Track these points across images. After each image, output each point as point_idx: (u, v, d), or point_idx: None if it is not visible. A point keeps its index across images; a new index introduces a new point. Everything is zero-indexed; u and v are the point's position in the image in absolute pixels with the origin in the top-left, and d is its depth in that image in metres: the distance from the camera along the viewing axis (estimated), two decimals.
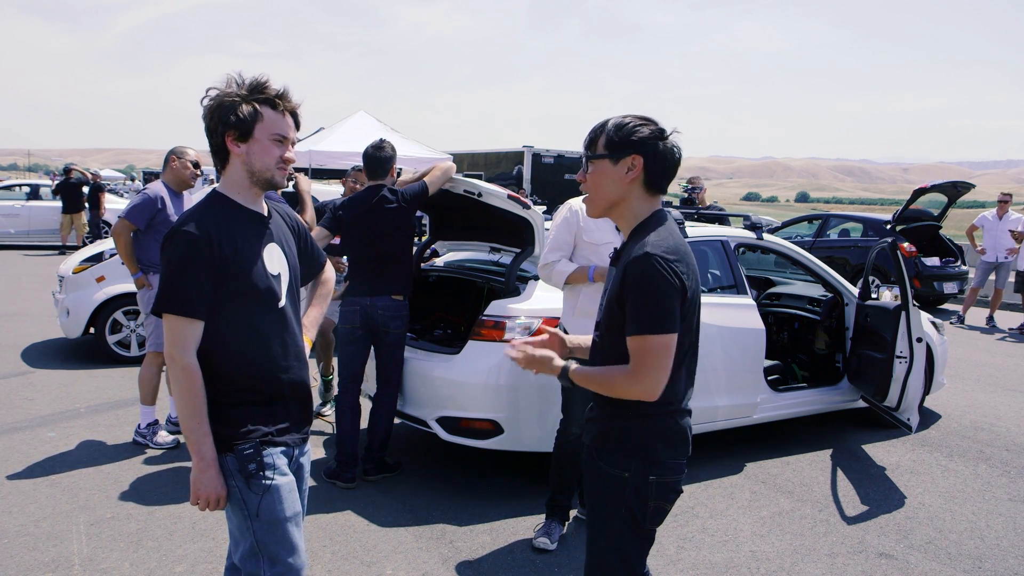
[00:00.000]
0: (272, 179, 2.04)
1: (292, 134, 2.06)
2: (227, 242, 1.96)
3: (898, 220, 11.61)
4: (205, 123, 2.02)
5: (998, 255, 10.60)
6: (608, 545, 2.07)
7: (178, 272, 1.92)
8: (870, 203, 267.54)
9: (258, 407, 2.02)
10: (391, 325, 4.19)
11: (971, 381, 7.25)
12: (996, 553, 3.76)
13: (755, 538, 3.81)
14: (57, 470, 4.29)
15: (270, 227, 2.11)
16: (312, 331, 2.35)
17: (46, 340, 7.44)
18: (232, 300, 1.97)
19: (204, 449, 1.93)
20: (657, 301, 1.88)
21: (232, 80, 2.00)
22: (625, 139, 1.99)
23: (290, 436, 2.08)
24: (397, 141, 14.14)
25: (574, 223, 3.60)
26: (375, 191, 4.23)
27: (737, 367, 4.68)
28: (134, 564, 3.29)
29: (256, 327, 2.01)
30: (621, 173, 2.01)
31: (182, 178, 4.68)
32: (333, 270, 2.53)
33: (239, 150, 2.00)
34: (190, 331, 1.92)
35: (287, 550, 2.02)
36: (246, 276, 1.98)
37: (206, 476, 1.93)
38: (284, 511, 2.01)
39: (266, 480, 1.98)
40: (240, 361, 1.99)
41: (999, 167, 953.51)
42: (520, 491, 4.24)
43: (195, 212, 2.00)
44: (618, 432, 2.03)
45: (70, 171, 16.08)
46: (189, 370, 1.92)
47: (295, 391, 2.10)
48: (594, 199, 2.09)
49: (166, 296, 1.93)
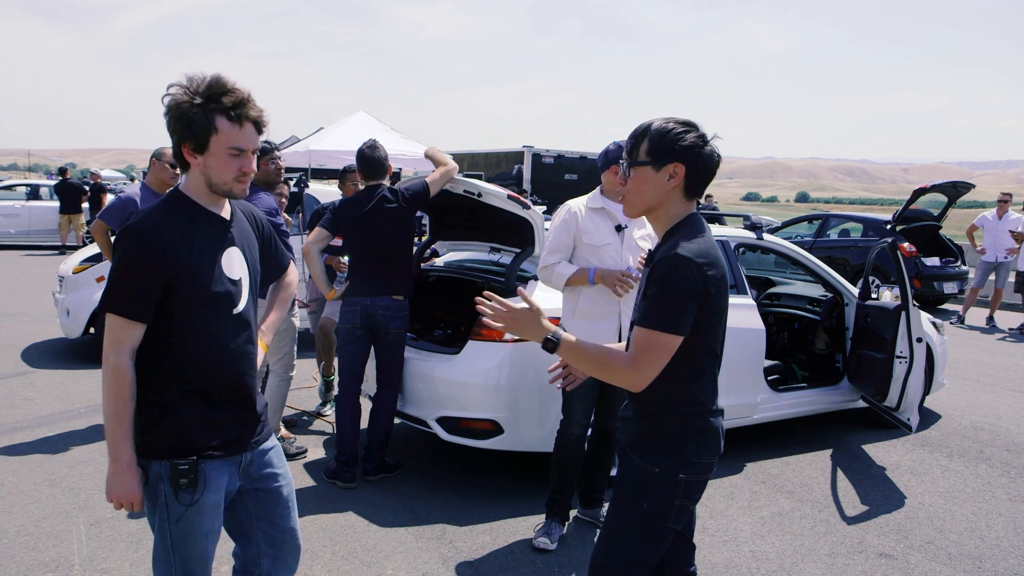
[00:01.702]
0: (230, 191, 1.98)
1: (252, 144, 1.97)
2: (181, 245, 1.91)
3: (898, 220, 11.61)
4: (165, 124, 1.94)
5: (998, 255, 10.60)
6: (620, 536, 2.08)
7: (125, 272, 1.88)
8: (870, 203, 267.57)
9: (201, 414, 1.97)
10: (392, 325, 4.19)
11: (971, 381, 7.25)
12: (996, 553, 3.76)
13: (755, 538, 3.81)
14: (57, 470, 4.29)
15: (231, 230, 2.05)
16: (268, 336, 2.30)
17: (46, 340, 7.44)
18: (185, 304, 1.92)
19: (120, 452, 1.89)
20: (674, 300, 1.90)
21: (190, 80, 1.90)
22: (669, 147, 1.98)
23: (233, 446, 2.04)
24: (397, 141, 14.14)
25: (573, 225, 3.59)
26: (374, 191, 4.23)
27: (737, 367, 4.67)
28: (134, 564, 3.29)
29: (209, 331, 1.96)
30: (663, 180, 2.00)
31: (162, 179, 4.82)
32: (296, 274, 2.47)
33: (196, 161, 1.94)
34: (129, 333, 1.89)
35: (196, 562, 2.02)
36: (200, 281, 1.93)
37: (120, 480, 1.90)
38: (202, 526, 2.00)
39: (196, 495, 1.96)
40: (189, 365, 1.95)
41: (999, 167, 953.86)
42: (520, 491, 4.24)
43: (153, 211, 1.95)
44: (653, 430, 2.05)
45: (66, 172, 16.09)
46: (120, 371, 1.88)
47: (242, 398, 2.06)
48: (633, 202, 2.08)
49: (110, 295, 1.89)
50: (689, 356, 1.99)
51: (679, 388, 2.02)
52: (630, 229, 3.60)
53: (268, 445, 2.17)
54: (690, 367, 2.00)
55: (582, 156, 17.34)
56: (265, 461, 2.16)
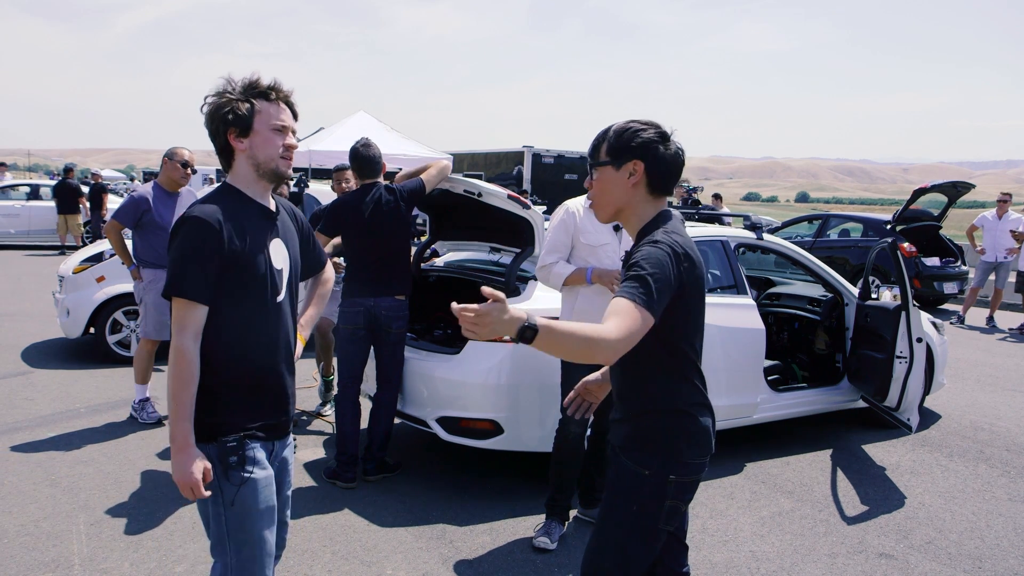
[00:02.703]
0: (277, 169, 2.09)
1: (291, 123, 2.11)
2: (236, 232, 2.00)
3: (898, 220, 11.62)
4: (208, 128, 2.07)
5: (998, 255, 10.60)
6: (610, 537, 2.09)
7: (187, 257, 1.96)
8: (870, 203, 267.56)
9: (243, 398, 2.05)
10: (393, 325, 4.19)
11: (971, 381, 7.25)
12: (996, 553, 3.76)
13: (755, 538, 3.81)
14: (57, 470, 4.29)
15: (277, 222, 2.15)
16: (307, 330, 2.39)
17: (46, 340, 7.44)
18: (233, 290, 2.00)
19: (176, 433, 1.95)
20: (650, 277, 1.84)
21: (225, 83, 2.06)
22: (625, 145, 2.01)
23: (271, 431, 2.12)
24: (397, 141, 14.15)
25: (571, 224, 3.60)
26: (370, 189, 4.21)
27: (737, 367, 4.68)
28: (134, 564, 3.30)
29: (251, 319, 2.05)
30: (623, 178, 2.03)
31: (173, 178, 4.94)
32: (333, 271, 2.55)
33: (242, 145, 2.06)
34: (192, 315, 1.96)
35: (255, 541, 2.05)
36: (251, 267, 2.02)
37: (176, 460, 1.95)
38: (258, 503, 2.05)
39: (246, 473, 2.02)
40: (231, 351, 2.03)
41: (999, 167, 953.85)
42: (520, 491, 4.24)
43: (208, 200, 2.04)
44: (644, 431, 2.05)
45: (70, 171, 16.09)
46: (181, 352, 1.94)
47: (279, 385, 2.14)
48: (600, 205, 2.10)
49: (174, 278, 1.97)
50: (673, 354, 1.98)
51: (665, 387, 2.01)
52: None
53: (288, 440, 2.27)
54: (674, 365, 2.00)
55: (582, 156, 17.34)
56: (285, 456, 2.24)
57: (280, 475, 2.22)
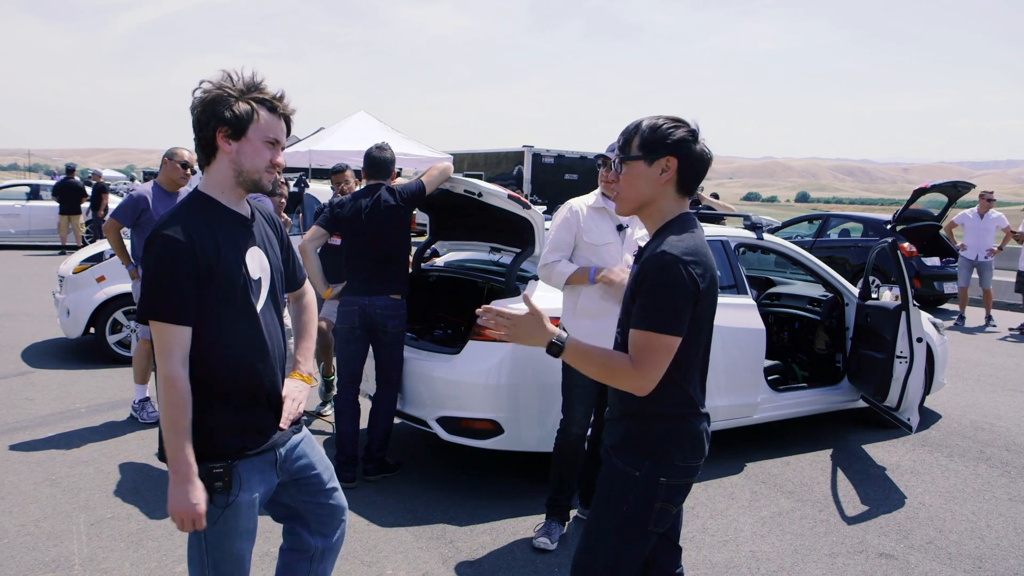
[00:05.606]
0: (259, 181, 1.99)
1: (284, 139, 2.03)
2: (209, 246, 1.90)
3: (898, 220, 11.61)
4: (194, 115, 1.95)
5: (979, 254, 10.58)
6: (600, 538, 2.08)
7: (160, 277, 1.87)
8: (870, 203, 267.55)
9: (232, 419, 1.97)
10: (389, 324, 4.19)
11: (971, 381, 7.25)
12: (996, 553, 3.75)
13: (755, 538, 3.81)
14: (57, 470, 4.29)
15: (253, 230, 2.05)
16: (307, 365, 2.28)
17: (46, 340, 7.44)
18: (211, 305, 1.91)
19: (178, 463, 1.86)
20: (668, 301, 1.89)
21: (229, 75, 1.96)
22: (660, 141, 2.00)
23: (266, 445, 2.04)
24: (397, 141, 14.17)
25: (574, 223, 3.60)
26: (374, 190, 4.23)
27: (737, 367, 4.68)
28: (134, 564, 3.29)
29: (233, 332, 1.96)
30: (655, 174, 2.01)
31: (173, 179, 4.95)
32: (313, 294, 2.44)
33: (229, 148, 1.95)
34: (174, 338, 1.86)
35: (233, 559, 2.02)
36: (227, 281, 1.92)
37: (177, 492, 1.86)
38: (239, 525, 2.00)
39: (231, 496, 1.95)
40: (216, 366, 1.94)
41: (999, 167, 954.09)
42: (520, 491, 4.24)
43: (176, 214, 1.94)
44: (637, 433, 2.05)
45: (73, 170, 16.08)
46: (171, 380, 1.85)
47: (269, 398, 2.06)
48: (626, 198, 2.08)
49: (149, 302, 1.88)
50: (675, 358, 1.97)
51: (664, 391, 2.00)
52: (631, 229, 3.61)
53: (298, 438, 2.19)
54: (675, 369, 1.98)
55: (582, 156, 17.34)
56: (297, 454, 2.17)
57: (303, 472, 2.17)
